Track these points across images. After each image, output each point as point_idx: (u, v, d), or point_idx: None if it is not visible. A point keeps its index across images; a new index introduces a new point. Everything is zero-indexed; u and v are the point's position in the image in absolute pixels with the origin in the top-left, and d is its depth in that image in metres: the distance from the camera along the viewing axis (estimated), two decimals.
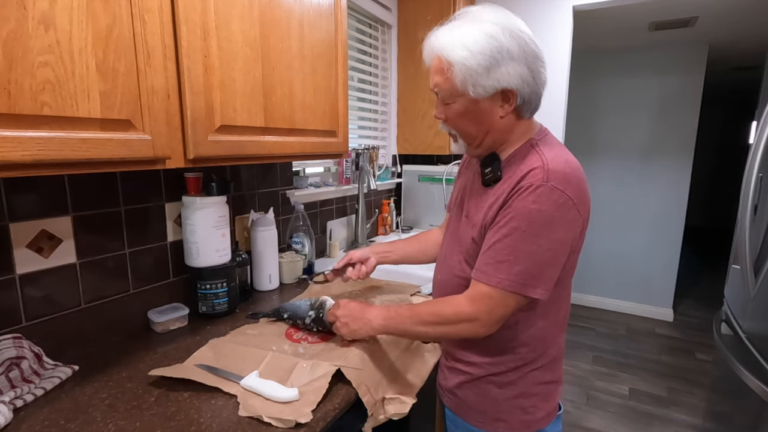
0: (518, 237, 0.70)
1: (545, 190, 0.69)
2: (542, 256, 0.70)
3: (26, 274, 0.87)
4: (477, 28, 0.71)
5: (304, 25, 1.08)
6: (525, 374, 0.83)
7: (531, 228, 0.70)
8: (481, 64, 0.70)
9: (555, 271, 0.73)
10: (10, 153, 0.56)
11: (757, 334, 1.31)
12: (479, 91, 0.73)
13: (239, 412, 0.72)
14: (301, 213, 1.50)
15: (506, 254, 0.71)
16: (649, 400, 2.39)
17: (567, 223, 0.71)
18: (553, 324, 0.83)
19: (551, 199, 0.69)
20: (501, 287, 0.72)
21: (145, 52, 0.72)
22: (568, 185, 0.70)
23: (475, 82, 0.72)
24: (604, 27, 2.72)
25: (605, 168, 3.54)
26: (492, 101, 0.75)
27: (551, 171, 0.70)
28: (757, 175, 1.35)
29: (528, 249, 0.70)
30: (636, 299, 3.57)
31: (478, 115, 0.77)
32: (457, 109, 0.77)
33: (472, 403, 0.86)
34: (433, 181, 2.20)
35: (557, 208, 0.69)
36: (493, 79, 0.71)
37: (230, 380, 0.80)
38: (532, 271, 0.71)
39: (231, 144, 0.91)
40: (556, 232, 0.70)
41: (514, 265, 0.71)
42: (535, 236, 0.70)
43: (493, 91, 0.73)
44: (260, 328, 1.05)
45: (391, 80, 2.24)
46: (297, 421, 0.69)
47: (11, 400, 0.72)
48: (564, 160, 0.73)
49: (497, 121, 0.77)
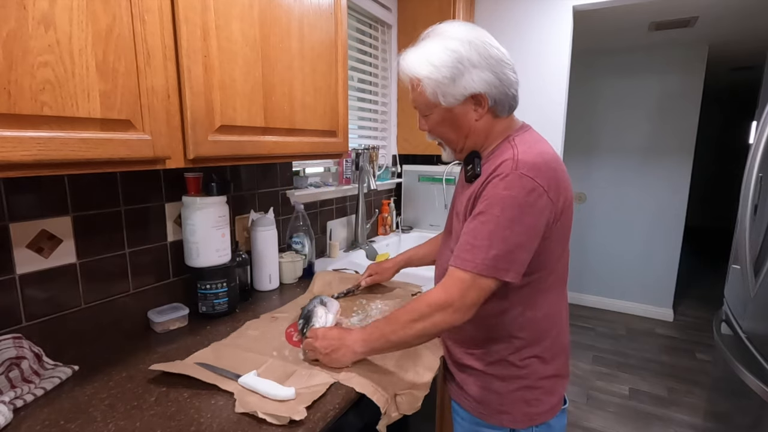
0: (491, 222, 0.74)
1: (514, 177, 0.73)
2: (514, 240, 0.73)
3: (26, 274, 0.87)
4: (438, 44, 0.78)
5: (304, 25, 1.08)
6: (523, 362, 0.85)
7: (504, 213, 0.73)
8: (446, 75, 0.77)
9: (526, 255, 0.76)
10: (10, 153, 0.56)
11: (757, 334, 1.31)
12: (450, 99, 0.80)
13: (236, 408, 0.73)
14: (301, 213, 1.50)
15: (480, 239, 0.74)
16: (649, 400, 2.39)
17: (538, 208, 0.74)
18: (546, 316, 0.85)
19: (520, 185, 0.73)
20: (474, 271, 0.74)
21: (145, 52, 0.72)
22: (537, 173, 0.73)
23: (444, 93, 0.79)
24: (604, 27, 2.72)
25: (605, 168, 3.54)
26: (464, 107, 0.81)
27: (520, 161, 0.75)
28: (757, 175, 1.35)
29: (501, 233, 0.73)
30: (636, 299, 3.57)
31: (455, 121, 0.83)
32: (435, 119, 0.85)
33: (476, 395, 0.89)
34: (433, 181, 2.20)
35: (527, 194, 0.72)
36: (460, 87, 0.78)
37: (228, 378, 0.81)
38: (504, 255, 0.73)
39: (231, 144, 0.91)
40: (528, 217, 0.73)
41: (489, 249, 0.73)
42: (508, 221, 0.73)
43: (463, 98, 0.80)
44: (262, 327, 1.06)
45: (391, 80, 2.24)
46: (291, 418, 0.69)
47: (11, 400, 0.72)
48: (536, 151, 0.77)
49: (474, 124, 0.83)
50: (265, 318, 1.12)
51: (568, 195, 0.80)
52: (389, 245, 2.07)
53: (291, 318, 1.11)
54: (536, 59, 2.11)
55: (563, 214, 0.79)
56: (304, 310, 1.03)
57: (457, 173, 2.12)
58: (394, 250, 2.10)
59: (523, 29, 2.12)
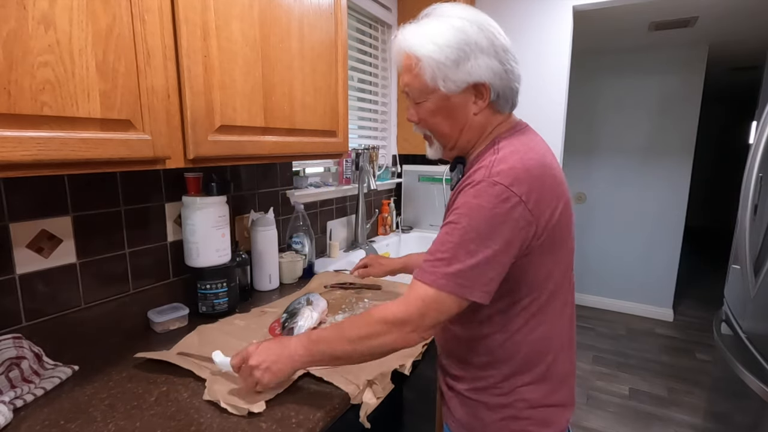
0: (456, 233, 0.66)
1: (486, 186, 0.65)
2: (481, 254, 0.64)
3: (26, 274, 0.87)
4: (444, 22, 0.70)
5: (304, 25, 1.08)
6: (511, 392, 0.76)
7: (470, 223, 0.65)
8: (449, 57, 0.68)
9: (495, 273, 0.66)
10: (10, 153, 0.56)
11: (757, 334, 1.31)
12: (450, 85, 0.70)
13: (203, 396, 0.76)
14: (301, 213, 1.50)
15: (444, 251, 0.66)
16: (649, 400, 2.39)
17: (512, 221, 0.65)
18: (540, 340, 0.75)
19: (492, 195, 0.64)
20: (436, 286, 0.66)
21: (145, 52, 0.72)
22: (514, 182, 0.65)
23: (445, 76, 0.70)
24: (604, 27, 2.72)
25: (605, 168, 3.54)
26: (464, 96, 0.72)
27: (495, 168, 0.66)
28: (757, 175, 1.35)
29: (467, 247, 0.65)
30: (636, 299, 3.57)
31: (452, 112, 0.74)
32: (429, 107, 0.75)
33: (462, 419, 0.82)
34: (433, 181, 2.20)
35: (498, 204, 0.64)
36: (464, 72, 0.69)
37: (203, 365, 0.85)
38: (467, 270, 0.65)
39: (231, 144, 0.91)
40: (498, 230, 0.64)
41: (452, 263, 0.65)
42: (474, 232, 0.64)
43: (465, 86, 0.71)
44: (249, 319, 1.10)
45: (391, 80, 2.24)
46: (249, 410, 0.72)
47: (11, 400, 0.72)
48: (518, 157, 0.68)
49: (471, 118, 0.74)
50: (255, 312, 1.15)
51: (560, 206, 0.70)
52: (389, 245, 2.07)
53: (279, 313, 1.13)
54: (536, 59, 2.11)
55: (552, 228, 0.69)
56: (290, 306, 1.04)
57: None
58: (394, 250, 2.10)
59: (523, 29, 2.12)
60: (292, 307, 1.04)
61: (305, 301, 1.06)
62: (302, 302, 1.06)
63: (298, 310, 1.02)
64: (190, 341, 0.97)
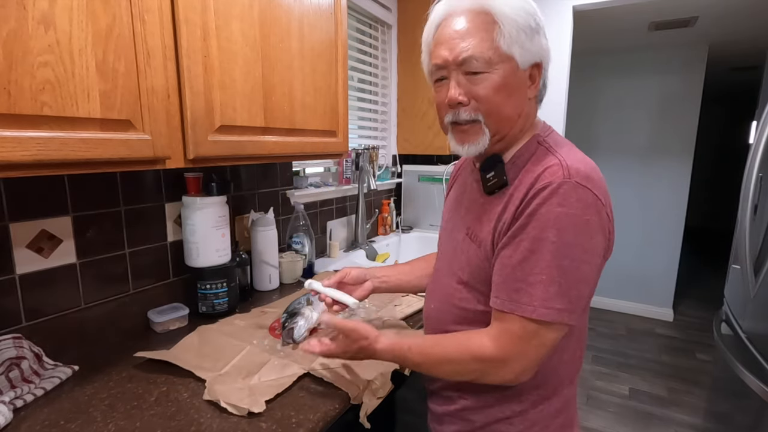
0: (546, 250, 0.57)
1: (569, 189, 0.57)
2: (578, 270, 0.58)
3: (26, 274, 0.87)
4: None
5: (304, 25, 1.08)
6: (532, 420, 0.69)
7: (562, 237, 0.56)
8: (530, 24, 0.60)
9: (589, 289, 0.61)
10: (10, 153, 0.56)
11: (757, 334, 1.31)
12: (526, 56, 0.61)
13: (204, 396, 0.76)
14: (301, 213, 1.50)
15: (536, 274, 0.58)
16: (649, 400, 2.39)
17: (599, 227, 0.58)
18: (571, 360, 0.69)
19: (579, 199, 0.56)
20: (533, 317, 0.58)
21: (145, 52, 0.72)
22: (594, 184, 0.58)
23: (523, 45, 0.60)
24: (604, 27, 2.72)
25: (605, 168, 3.52)
26: (525, 76, 0.63)
27: (571, 167, 0.58)
28: (757, 175, 1.35)
29: (560, 264, 0.57)
30: (636, 299, 3.57)
31: (516, 90, 0.63)
32: (495, 80, 0.61)
33: None
34: (433, 181, 2.20)
35: (586, 210, 0.57)
36: (537, 45, 0.61)
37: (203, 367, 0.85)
38: (566, 292, 0.57)
39: (231, 144, 0.91)
40: (591, 239, 0.58)
41: (548, 286, 0.57)
42: (568, 247, 0.57)
43: (533, 62, 0.63)
44: (249, 319, 1.10)
45: (391, 80, 2.24)
46: (250, 410, 0.72)
47: (11, 400, 0.72)
48: (580, 156, 0.62)
49: (527, 103, 0.65)
50: (255, 312, 1.16)
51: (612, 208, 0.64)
52: (389, 245, 2.07)
53: (279, 313, 1.12)
54: None
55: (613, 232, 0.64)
56: (290, 306, 1.04)
57: None
58: (394, 250, 2.10)
59: None
60: (292, 307, 1.04)
61: (305, 301, 1.06)
62: (302, 302, 1.06)
63: (298, 310, 1.02)
64: (190, 341, 0.97)
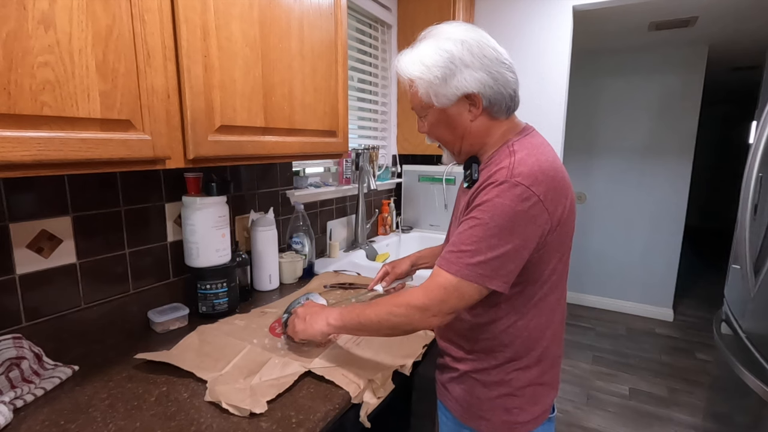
0: (480, 228, 0.72)
1: (508, 186, 0.72)
2: (503, 248, 0.71)
3: (26, 274, 0.87)
4: (432, 44, 0.78)
5: (304, 25, 1.08)
6: (509, 373, 0.84)
7: (493, 220, 0.71)
8: (437, 75, 0.76)
9: (514, 265, 0.74)
10: (10, 153, 0.56)
11: (757, 334, 1.31)
12: (442, 100, 0.79)
13: (205, 397, 0.76)
14: (301, 213, 1.50)
15: (468, 244, 0.73)
16: (649, 400, 2.39)
17: (530, 217, 0.72)
18: (538, 326, 0.83)
19: (514, 194, 0.71)
20: (459, 276, 0.73)
21: (145, 52, 0.72)
22: (533, 181, 0.72)
23: (436, 93, 0.78)
24: (604, 27, 2.72)
25: (605, 168, 3.54)
26: (459, 107, 0.80)
27: (515, 169, 0.73)
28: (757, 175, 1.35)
29: (489, 241, 0.71)
30: (636, 299, 3.57)
31: (450, 122, 0.82)
32: (431, 120, 0.84)
33: (458, 397, 0.89)
34: (433, 181, 2.20)
35: (520, 203, 0.71)
36: (452, 86, 0.77)
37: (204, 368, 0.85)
38: (489, 261, 0.72)
39: (231, 144, 0.91)
40: (519, 226, 0.71)
41: (474, 255, 0.72)
42: (497, 228, 0.71)
43: (456, 98, 0.79)
44: (249, 318, 1.10)
45: (391, 80, 2.24)
46: (252, 411, 0.72)
47: (11, 400, 0.72)
48: (534, 159, 0.75)
49: (469, 125, 0.82)
50: (255, 312, 1.16)
51: (567, 204, 0.77)
52: (389, 245, 2.07)
53: (279, 313, 1.13)
54: (536, 59, 2.11)
55: (562, 224, 0.77)
56: (290, 306, 1.04)
57: (457, 173, 2.12)
58: (394, 249, 2.10)
59: (523, 29, 2.12)
60: (292, 307, 1.04)
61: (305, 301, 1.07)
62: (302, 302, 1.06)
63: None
64: (190, 341, 0.97)
